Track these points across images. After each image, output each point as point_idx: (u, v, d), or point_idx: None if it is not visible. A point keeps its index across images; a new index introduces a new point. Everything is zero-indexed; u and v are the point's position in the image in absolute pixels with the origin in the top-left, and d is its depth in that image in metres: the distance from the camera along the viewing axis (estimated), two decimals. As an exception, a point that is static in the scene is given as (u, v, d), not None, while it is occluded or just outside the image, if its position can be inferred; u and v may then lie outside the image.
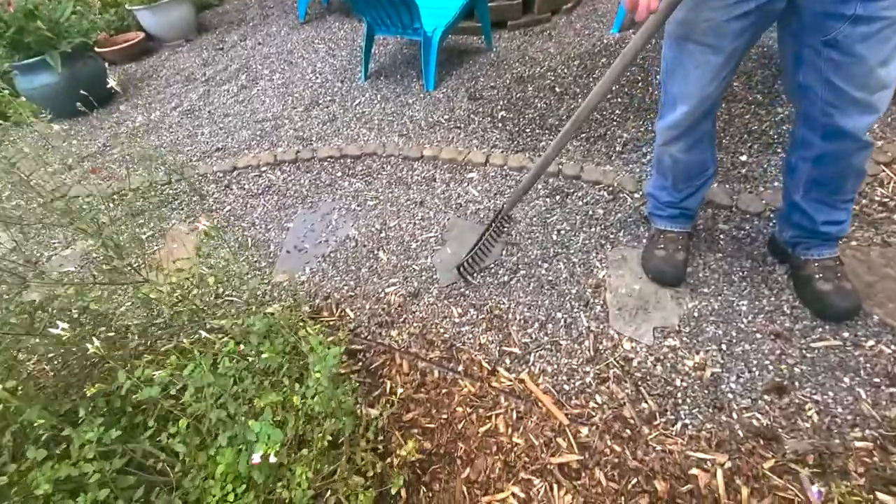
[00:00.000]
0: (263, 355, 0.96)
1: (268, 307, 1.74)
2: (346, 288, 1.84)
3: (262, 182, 2.49)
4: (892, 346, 1.35)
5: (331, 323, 1.71)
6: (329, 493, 1.01)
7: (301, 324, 1.55)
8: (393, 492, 1.05)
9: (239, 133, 2.94)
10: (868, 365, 1.33)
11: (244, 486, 0.89)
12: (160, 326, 1.19)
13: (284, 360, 1.13)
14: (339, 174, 2.42)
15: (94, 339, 0.85)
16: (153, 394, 0.87)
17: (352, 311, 1.74)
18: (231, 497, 0.88)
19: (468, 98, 2.82)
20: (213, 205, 2.43)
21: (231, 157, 2.75)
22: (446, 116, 2.68)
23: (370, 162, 2.45)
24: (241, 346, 1.06)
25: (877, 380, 1.29)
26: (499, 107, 2.70)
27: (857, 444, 1.17)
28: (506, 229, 1.91)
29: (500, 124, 2.55)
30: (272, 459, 0.82)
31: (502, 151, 2.34)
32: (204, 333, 1.01)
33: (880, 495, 1.06)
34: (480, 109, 2.70)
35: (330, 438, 0.99)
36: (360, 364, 1.53)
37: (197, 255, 1.16)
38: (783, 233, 1.54)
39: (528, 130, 2.47)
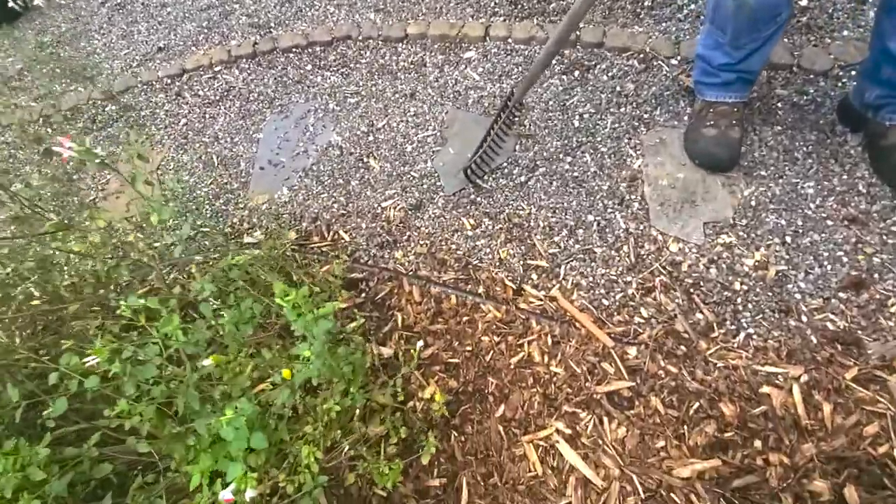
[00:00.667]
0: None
1: (247, 237, 1.50)
2: (336, 206, 1.57)
3: (218, 86, 2.08)
4: None
5: (323, 249, 1.47)
6: (348, 470, 0.85)
7: (285, 258, 1.32)
8: (425, 461, 0.89)
9: (182, 27, 2.43)
10: (963, 247, 1.12)
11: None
12: (94, 284, 0.95)
13: (259, 324, 0.91)
14: (310, 67, 2.01)
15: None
16: (92, 385, 0.66)
17: (346, 232, 1.50)
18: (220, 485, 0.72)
19: (454, -45, 2.28)
20: (165, 119, 2.05)
21: (177, 58, 2.30)
22: (430, -19, 2.18)
23: (344, 49, 2.02)
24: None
25: (974, 264, 1.09)
26: (493, -38, 2.18)
27: (954, 341, 1.00)
28: (517, 120, 1.59)
29: (497, -15, 2.07)
30: (249, 495, 0.64)
31: (504, 19, 1.91)
32: (142, 301, 0.77)
33: None
34: (471, -32, 2.19)
35: (337, 406, 0.80)
36: (364, 296, 1.33)
37: (136, 188, 0.88)
38: (865, 93, 1.24)
39: (532, -10, 2.00)
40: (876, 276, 1.12)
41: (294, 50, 2.08)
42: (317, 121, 1.83)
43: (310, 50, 2.06)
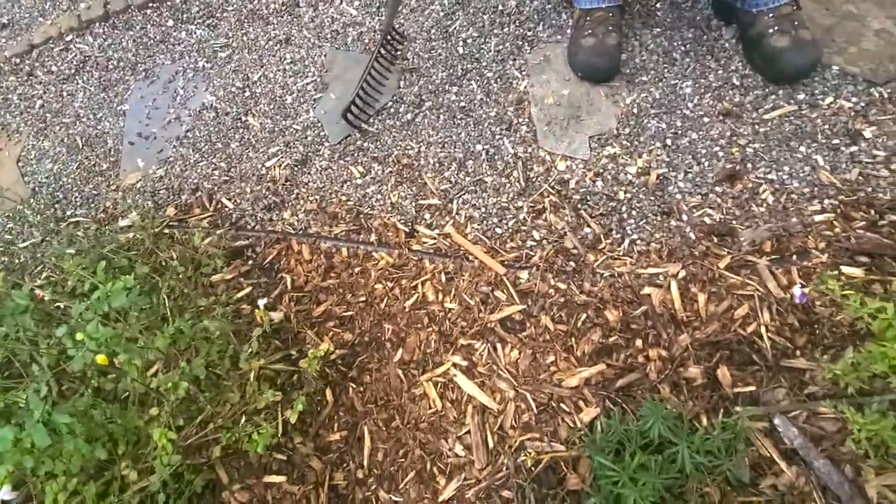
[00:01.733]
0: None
1: (121, 220, 1.37)
2: (216, 173, 1.46)
3: (72, 58, 1.85)
4: (853, 99, 1.17)
5: (208, 220, 1.37)
6: (212, 444, 0.81)
7: (163, 235, 1.22)
8: (292, 420, 0.87)
9: (21, -6, 2.12)
10: (826, 126, 1.15)
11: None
12: None
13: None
14: (171, 23, 1.80)
15: None
16: None
17: (229, 199, 1.39)
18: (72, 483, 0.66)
19: None
20: (20, 104, 1.82)
21: (24, 33, 2.02)
22: None
23: (208, -3, 1.82)
24: (40, 293, 0.75)
25: (836, 141, 1.13)
26: None
27: (817, 217, 1.05)
28: (399, 52, 1.49)
29: None
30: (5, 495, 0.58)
31: (377, -54, 1.75)
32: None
33: (845, 269, 0.96)
34: None
35: (185, 386, 0.75)
36: (251, 262, 1.25)
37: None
38: (732, -19, 1.22)
39: None
40: (749, 165, 1.15)
41: (151, 5, 1.86)
42: (187, 82, 1.66)
43: (168, 3, 1.84)
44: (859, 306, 0.74)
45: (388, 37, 1.44)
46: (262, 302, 1.04)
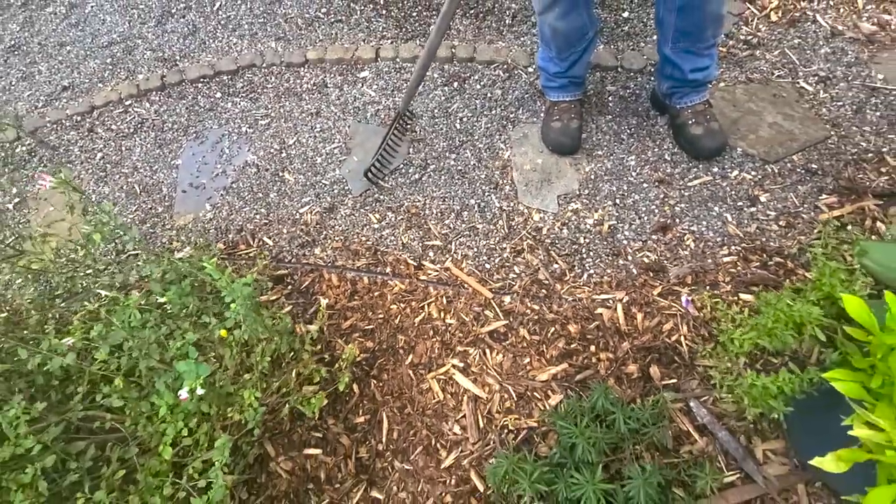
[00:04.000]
0: (162, 298, 0.95)
1: (177, 253, 1.67)
2: (257, 217, 1.78)
3: (130, 119, 2.21)
4: (752, 173, 1.57)
5: (250, 254, 1.67)
6: (285, 405, 1.09)
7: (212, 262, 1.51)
8: (341, 388, 1.15)
9: (85, 64, 2.51)
10: (733, 192, 1.54)
11: (196, 420, 0.93)
12: (61, 298, 1.12)
13: (199, 300, 1.12)
14: (219, 95, 2.19)
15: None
16: (69, 361, 0.85)
17: (269, 238, 1.71)
18: (185, 432, 0.93)
19: (344, -16, 2.54)
20: (80, 155, 2.15)
21: (85, 96, 2.38)
22: (324, 10, 2.43)
23: (250, 76, 2.22)
24: (160, 299, 1.04)
25: (740, 203, 1.51)
26: (379, -9, 2.47)
27: (725, 259, 1.41)
28: (409, 126, 1.88)
29: (384, 11, 2.36)
30: (199, 391, 0.86)
31: (392, 42, 2.20)
32: (104, 293, 0.96)
33: (742, 295, 1.30)
34: (360, -4, 2.46)
35: (269, 359, 1.04)
36: (290, 287, 1.55)
37: (72, 214, 1.06)
38: (660, 85, 1.65)
39: (415, 14, 2.31)
40: (677, 220, 1.52)
41: (202, 80, 2.25)
42: (232, 143, 2.02)
43: (217, 79, 2.24)
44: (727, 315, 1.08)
45: (404, 116, 1.83)
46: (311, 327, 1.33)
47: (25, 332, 1.10)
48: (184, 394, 0.86)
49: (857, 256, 0.94)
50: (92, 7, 2.84)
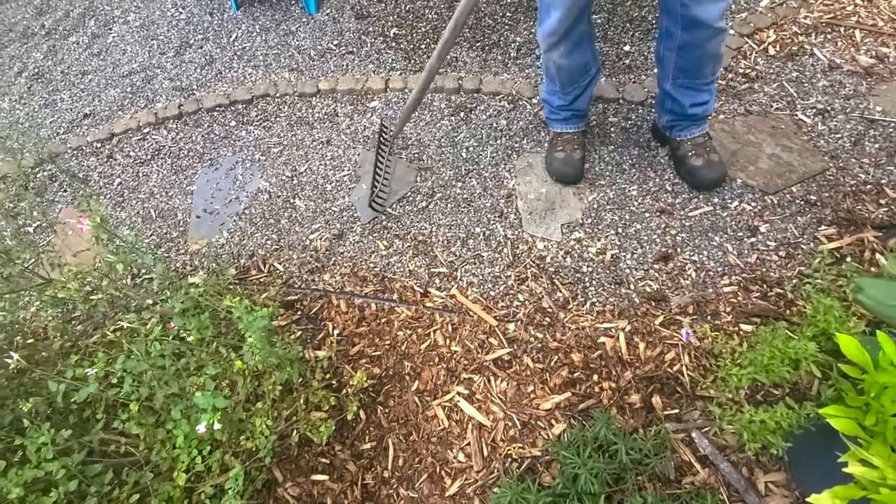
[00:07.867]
0: (190, 338, 0.99)
1: (190, 277, 1.72)
2: (269, 242, 1.83)
3: (148, 146, 2.29)
4: (752, 203, 1.60)
5: (261, 280, 1.72)
6: (294, 432, 1.12)
7: (228, 290, 1.56)
8: (349, 417, 1.18)
9: (105, 93, 2.61)
10: (733, 223, 1.57)
11: (209, 447, 0.96)
12: (79, 321, 1.17)
13: (216, 331, 1.16)
14: (234, 124, 2.27)
15: (11, 353, 0.83)
16: (91, 391, 0.89)
17: (280, 264, 1.76)
18: (199, 459, 0.96)
19: (355, 17, 2.65)
20: (99, 181, 2.22)
21: (105, 123, 2.47)
22: (335, 42, 2.52)
23: (264, 105, 2.30)
24: (171, 324, 1.08)
25: (740, 233, 1.54)
26: (389, 23, 2.56)
27: (726, 289, 1.43)
28: (388, 142, 1.89)
29: (393, 43, 2.45)
30: (216, 426, 0.89)
31: (401, 73, 2.28)
32: (125, 324, 1.01)
33: (743, 326, 1.33)
34: (371, 29, 2.56)
35: (280, 388, 1.07)
36: (300, 312, 1.59)
37: (97, 244, 1.11)
38: (661, 118, 1.70)
39: (423, 46, 2.40)
40: (678, 250, 1.55)
41: (218, 109, 2.34)
42: (245, 170, 2.08)
43: (232, 108, 2.32)
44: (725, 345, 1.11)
45: (387, 137, 1.86)
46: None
47: (45, 354, 1.15)
48: (202, 428, 0.89)
49: (852, 293, 0.96)
50: (113, 37, 2.97)
